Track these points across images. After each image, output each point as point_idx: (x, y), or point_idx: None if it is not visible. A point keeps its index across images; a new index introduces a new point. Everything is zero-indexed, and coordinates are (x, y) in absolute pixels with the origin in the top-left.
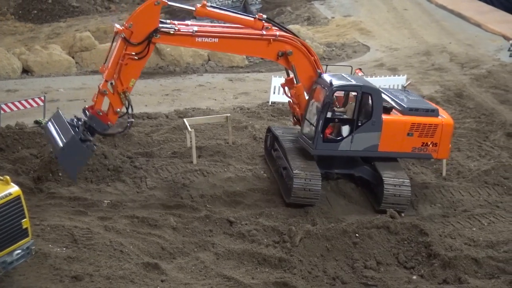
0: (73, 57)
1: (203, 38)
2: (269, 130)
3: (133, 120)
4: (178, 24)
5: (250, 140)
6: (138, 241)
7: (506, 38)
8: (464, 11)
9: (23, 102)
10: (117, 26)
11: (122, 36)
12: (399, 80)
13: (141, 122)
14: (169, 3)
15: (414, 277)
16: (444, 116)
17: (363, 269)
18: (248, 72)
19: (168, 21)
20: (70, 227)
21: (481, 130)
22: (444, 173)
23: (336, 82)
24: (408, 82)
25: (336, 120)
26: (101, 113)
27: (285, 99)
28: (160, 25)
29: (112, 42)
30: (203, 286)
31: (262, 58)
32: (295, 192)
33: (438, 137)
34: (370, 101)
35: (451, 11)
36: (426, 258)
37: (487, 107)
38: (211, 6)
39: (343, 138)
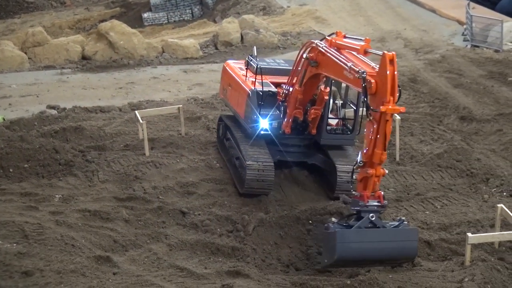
0: (25, 53)
1: None
2: (221, 119)
3: None
4: None
5: (203, 130)
6: (90, 234)
7: (461, 23)
8: None
9: None
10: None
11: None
12: None
13: (94, 116)
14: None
15: None
16: None
17: (317, 256)
18: (202, 63)
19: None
20: (20, 223)
21: (434, 114)
22: (397, 158)
23: None
24: (254, 49)
25: None
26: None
27: None
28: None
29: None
30: (155, 277)
31: (216, 48)
32: (248, 183)
33: None
34: None
35: None
36: None
37: (441, 92)
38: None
39: None
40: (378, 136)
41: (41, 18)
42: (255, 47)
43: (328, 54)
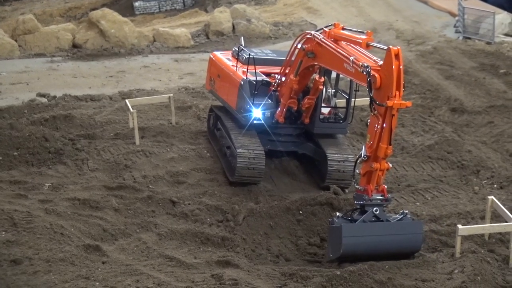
0: (16, 40)
1: None
2: (211, 109)
3: None
4: None
5: (194, 120)
6: (79, 223)
7: (452, 14)
8: None
9: None
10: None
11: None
12: None
13: (84, 104)
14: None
15: None
16: None
17: (306, 246)
18: (193, 52)
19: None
20: (9, 211)
21: (426, 106)
22: None
23: None
24: (242, 39)
25: None
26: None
27: None
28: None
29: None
30: (145, 266)
31: (207, 38)
32: (239, 171)
33: None
34: None
35: None
36: None
37: (432, 83)
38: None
39: None
40: (383, 130)
41: (32, 6)
42: (242, 37)
43: (327, 46)
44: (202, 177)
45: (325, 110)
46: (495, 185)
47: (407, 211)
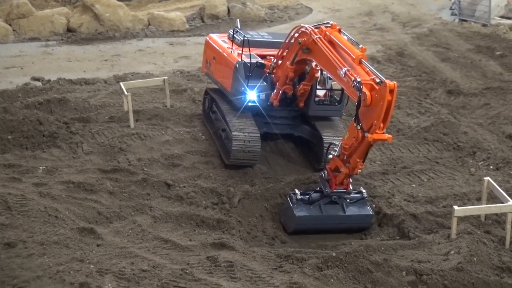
0: (10, 25)
1: None
2: (206, 92)
3: None
4: None
5: (189, 103)
6: (74, 206)
7: None
8: None
9: None
10: None
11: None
12: None
13: (79, 88)
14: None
15: None
16: None
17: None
18: (189, 36)
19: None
20: (3, 194)
21: (422, 88)
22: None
23: None
24: (238, 21)
25: None
26: None
27: None
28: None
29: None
30: (139, 249)
31: (202, 21)
32: (234, 154)
33: None
34: None
35: None
36: None
37: (428, 65)
38: None
39: None
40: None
41: None
42: (238, 19)
43: (322, 48)
44: (197, 160)
45: (320, 93)
46: (491, 167)
47: (365, 194)
